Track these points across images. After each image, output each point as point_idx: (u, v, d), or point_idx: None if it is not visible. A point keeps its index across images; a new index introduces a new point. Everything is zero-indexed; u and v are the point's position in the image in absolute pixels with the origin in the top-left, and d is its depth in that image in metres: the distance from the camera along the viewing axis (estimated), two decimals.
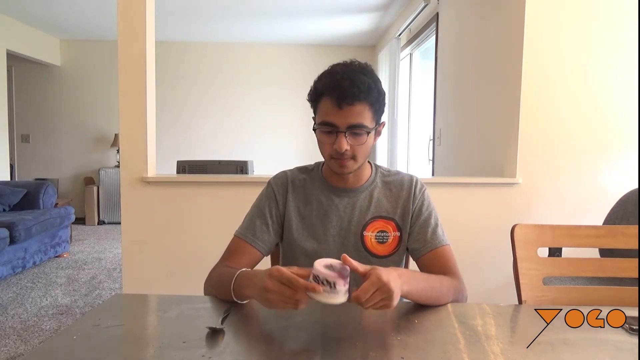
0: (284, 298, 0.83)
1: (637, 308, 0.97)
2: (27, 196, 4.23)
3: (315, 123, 1.12)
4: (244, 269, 1.00)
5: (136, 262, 2.36)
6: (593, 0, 2.23)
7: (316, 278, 0.81)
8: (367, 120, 1.06)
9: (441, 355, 0.77)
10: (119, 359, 0.78)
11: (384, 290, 0.82)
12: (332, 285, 0.80)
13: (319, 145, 1.12)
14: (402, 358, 0.76)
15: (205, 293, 1.09)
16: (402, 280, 0.91)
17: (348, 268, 0.83)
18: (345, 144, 1.05)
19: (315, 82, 1.09)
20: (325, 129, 1.07)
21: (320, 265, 0.82)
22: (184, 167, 2.86)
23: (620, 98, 2.26)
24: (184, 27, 5.45)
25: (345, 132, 1.05)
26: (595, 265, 1.26)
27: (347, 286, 0.82)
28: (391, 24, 5.11)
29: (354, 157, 1.09)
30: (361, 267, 0.85)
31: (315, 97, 1.09)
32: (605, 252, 1.34)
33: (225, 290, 0.98)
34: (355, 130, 1.05)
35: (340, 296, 0.81)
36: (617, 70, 2.25)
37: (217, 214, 2.33)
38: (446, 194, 2.31)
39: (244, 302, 0.98)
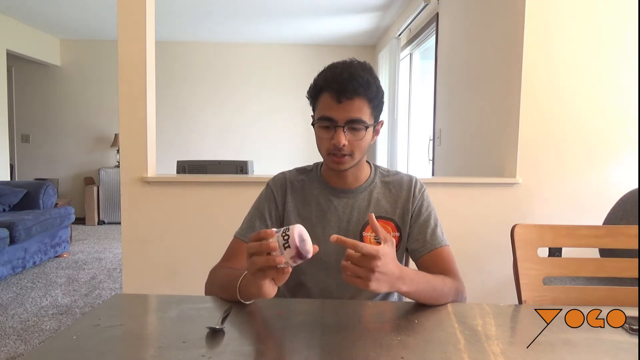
0: (260, 256, 0.83)
1: (637, 308, 0.97)
2: (27, 196, 4.23)
3: (314, 119, 1.12)
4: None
5: (136, 262, 2.36)
6: (593, 1, 2.23)
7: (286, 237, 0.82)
8: (365, 115, 1.06)
9: (441, 355, 0.77)
10: (119, 359, 0.78)
11: (366, 272, 0.83)
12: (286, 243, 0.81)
13: (317, 141, 1.12)
14: (402, 358, 0.76)
15: (207, 293, 1.09)
16: (400, 280, 0.90)
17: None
18: (343, 138, 1.05)
19: (315, 78, 1.10)
20: (324, 124, 1.08)
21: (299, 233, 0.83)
22: (184, 167, 2.86)
23: (621, 98, 2.26)
24: (184, 27, 5.45)
25: (343, 127, 1.05)
26: (595, 265, 1.26)
27: (294, 257, 0.82)
28: (391, 24, 5.11)
29: (351, 154, 1.09)
30: (367, 247, 0.84)
31: (315, 92, 1.10)
32: (605, 252, 1.34)
33: (231, 290, 0.98)
34: (354, 125, 1.06)
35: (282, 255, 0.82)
36: (618, 70, 2.25)
37: (217, 214, 2.33)
38: (446, 194, 2.31)
39: (248, 302, 0.98)
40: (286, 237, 0.82)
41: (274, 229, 0.85)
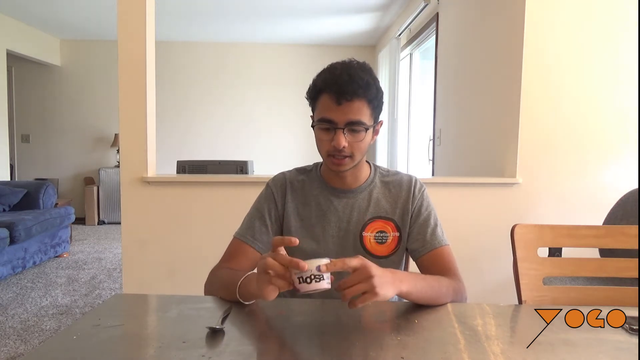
0: (277, 274, 0.84)
1: (637, 308, 0.97)
2: (27, 196, 4.23)
3: (313, 120, 1.12)
4: (250, 273, 1.00)
5: (136, 262, 2.36)
6: (593, 1, 2.23)
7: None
8: (365, 117, 1.06)
9: (441, 355, 0.77)
10: (119, 359, 0.78)
11: (368, 282, 0.83)
12: (317, 278, 0.83)
13: (316, 142, 1.12)
14: (402, 358, 0.76)
15: (206, 294, 1.09)
16: (397, 279, 0.91)
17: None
18: (343, 140, 1.05)
19: (314, 79, 1.10)
20: (324, 126, 1.07)
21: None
22: (184, 167, 2.86)
23: (620, 98, 2.26)
24: (184, 27, 5.45)
25: (343, 129, 1.05)
26: (595, 265, 1.26)
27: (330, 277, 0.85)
28: (391, 24, 5.11)
29: (351, 155, 1.09)
30: (353, 261, 0.85)
31: (314, 94, 1.09)
32: (605, 252, 1.34)
33: (232, 290, 0.98)
34: (354, 126, 1.05)
35: (323, 284, 0.84)
36: (617, 70, 2.25)
37: (217, 214, 2.33)
38: (446, 194, 2.31)
39: (248, 302, 0.98)
40: (318, 277, 0.83)
41: (320, 262, 0.84)
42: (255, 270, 1.04)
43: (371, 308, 1.02)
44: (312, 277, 0.83)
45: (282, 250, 0.89)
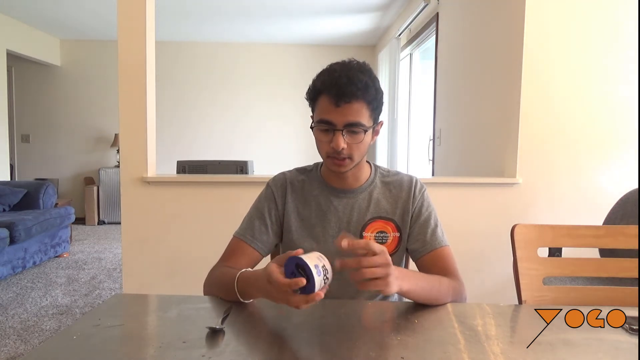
0: (287, 300, 0.84)
1: (637, 308, 0.97)
2: (27, 196, 4.23)
3: (313, 121, 1.12)
4: (244, 270, 1.00)
5: (136, 262, 2.36)
6: (593, 1, 2.23)
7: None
8: (364, 118, 1.06)
9: (441, 355, 0.77)
10: (118, 359, 0.78)
11: (386, 268, 0.85)
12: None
13: (316, 143, 1.12)
14: (402, 358, 0.76)
15: (205, 293, 1.09)
16: (399, 277, 0.91)
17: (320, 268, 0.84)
18: (342, 142, 1.05)
19: (314, 80, 1.09)
20: (323, 127, 1.07)
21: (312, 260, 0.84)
22: (184, 167, 2.86)
23: (620, 99, 2.26)
24: (184, 27, 5.45)
25: (342, 130, 1.05)
26: (595, 265, 1.26)
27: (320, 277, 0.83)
28: (391, 24, 5.11)
29: (350, 157, 1.09)
30: (376, 245, 0.86)
31: (314, 95, 1.09)
32: (605, 252, 1.34)
33: (229, 291, 0.98)
34: (353, 128, 1.05)
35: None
36: (617, 70, 2.25)
37: (217, 214, 2.33)
38: (446, 194, 2.31)
39: (249, 301, 0.98)
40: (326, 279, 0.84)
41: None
42: (250, 268, 1.05)
43: (371, 308, 1.02)
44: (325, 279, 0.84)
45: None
